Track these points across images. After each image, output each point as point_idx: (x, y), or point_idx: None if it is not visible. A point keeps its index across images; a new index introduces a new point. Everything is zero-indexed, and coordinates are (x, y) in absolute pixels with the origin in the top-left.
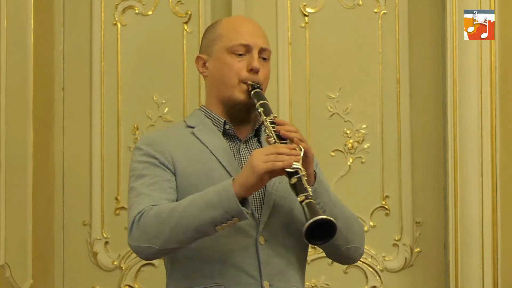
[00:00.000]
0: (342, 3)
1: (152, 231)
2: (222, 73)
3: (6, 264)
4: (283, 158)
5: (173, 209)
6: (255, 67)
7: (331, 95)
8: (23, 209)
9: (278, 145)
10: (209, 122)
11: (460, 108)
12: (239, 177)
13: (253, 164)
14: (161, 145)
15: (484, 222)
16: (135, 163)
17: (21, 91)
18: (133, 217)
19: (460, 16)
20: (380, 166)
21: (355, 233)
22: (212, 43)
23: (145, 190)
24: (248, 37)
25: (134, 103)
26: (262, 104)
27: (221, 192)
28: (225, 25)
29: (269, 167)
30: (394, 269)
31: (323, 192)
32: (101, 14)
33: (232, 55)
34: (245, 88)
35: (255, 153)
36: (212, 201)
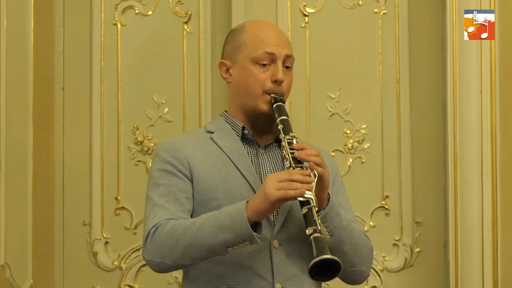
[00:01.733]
0: (342, 3)
1: (166, 247)
2: (246, 83)
3: (6, 264)
4: (296, 186)
5: (188, 227)
6: (279, 79)
7: (331, 95)
8: (23, 209)
9: (292, 171)
10: (228, 127)
11: (460, 108)
12: (252, 201)
13: (266, 191)
14: (178, 150)
15: (484, 222)
16: (153, 171)
17: (21, 91)
18: (148, 230)
19: (460, 16)
20: (380, 166)
21: (362, 257)
22: (236, 50)
23: (160, 201)
24: (272, 46)
25: (134, 103)
26: (282, 120)
27: (234, 216)
28: (249, 33)
29: (281, 195)
30: (394, 269)
31: (334, 217)
32: (101, 14)
33: (256, 65)
34: (269, 99)
35: (269, 178)
36: (225, 224)
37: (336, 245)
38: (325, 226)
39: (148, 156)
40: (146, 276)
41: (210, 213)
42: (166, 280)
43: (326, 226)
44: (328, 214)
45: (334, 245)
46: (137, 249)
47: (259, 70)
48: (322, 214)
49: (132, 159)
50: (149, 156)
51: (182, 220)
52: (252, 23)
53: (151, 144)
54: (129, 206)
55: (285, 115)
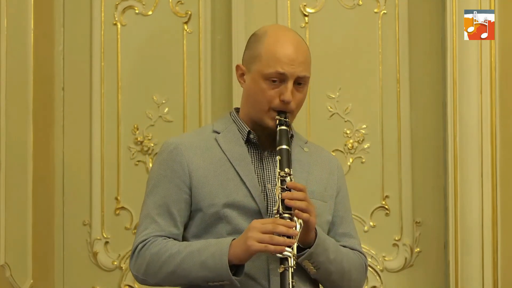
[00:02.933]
0: (342, 3)
1: (150, 269)
2: (255, 96)
3: (6, 264)
4: (277, 241)
5: (172, 256)
6: (286, 100)
7: (331, 95)
8: (23, 209)
9: (277, 221)
10: (234, 128)
11: (460, 108)
12: (235, 246)
13: (248, 242)
14: (180, 153)
15: (484, 222)
16: (153, 172)
17: (21, 91)
18: (136, 244)
19: (460, 16)
20: (380, 166)
21: (351, 281)
22: (252, 60)
23: (153, 212)
24: (285, 66)
25: (134, 103)
26: (281, 150)
27: (216, 257)
28: (267, 46)
29: (262, 249)
30: (394, 269)
31: (320, 254)
32: (101, 14)
33: (267, 81)
34: (275, 115)
35: (253, 228)
36: (207, 263)
37: (323, 276)
38: (310, 262)
39: (148, 156)
40: None
41: (195, 245)
42: None
43: (312, 262)
44: (314, 252)
45: (321, 276)
46: None
47: (268, 87)
48: (308, 253)
49: (132, 159)
50: (149, 156)
51: (169, 244)
52: (274, 34)
53: (151, 144)
54: (129, 206)
55: (285, 144)
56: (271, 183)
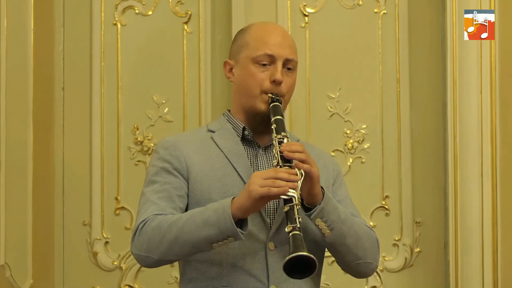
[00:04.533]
0: (342, 3)
1: (152, 242)
2: (245, 82)
3: (6, 264)
4: (279, 184)
5: (173, 223)
6: (277, 79)
7: (331, 95)
8: (23, 209)
9: (278, 169)
10: (229, 127)
11: (460, 108)
12: (238, 197)
13: (250, 188)
14: (177, 149)
15: (484, 222)
16: (150, 167)
17: (21, 91)
18: (137, 225)
19: (460, 16)
20: (380, 166)
21: (366, 249)
22: (239, 49)
23: (153, 197)
24: (273, 47)
25: (134, 103)
26: (276, 120)
27: (219, 212)
28: (253, 33)
29: (264, 192)
30: (394, 269)
31: (331, 211)
32: (101, 14)
33: (256, 64)
34: (267, 99)
35: (254, 175)
36: (209, 220)
37: (337, 239)
38: (323, 221)
39: (148, 156)
40: (146, 276)
41: (197, 209)
42: (166, 280)
43: (325, 221)
44: (324, 208)
45: (336, 239)
46: None
47: (258, 70)
48: (319, 208)
49: (132, 159)
50: (149, 156)
51: (170, 216)
52: (259, 25)
53: (151, 144)
54: (129, 206)
55: (279, 115)
56: None
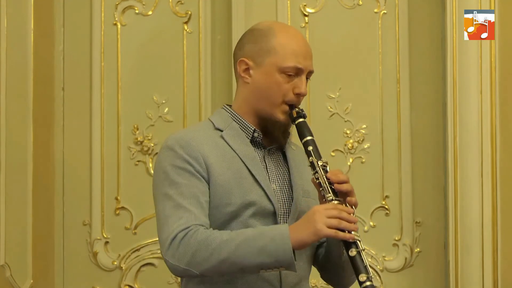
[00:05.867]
0: (342, 3)
1: (198, 257)
2: (268, 90)
3: (6, 264)
4: (345, 226)
5: (225, 242)
6: (303, 93)
7: (331, 95)
8: (23, 209)
9: (339, 208)
10: (236, 127)
11: (460, 108)
12: (297, 231)
13: (316, 226)
14: (194, 148)
15: (484, 222)
16: (168, 166)
17: (21, 91)
18: (175, 232)
19: (460, 16)
20: (380, 166)
21: None
22: (263, 53)
23: (184, 202)
24: (303, 61)
25: (134, 103)
26: (310, 142)
27: (278, 242)
28: (280, 40)
29: (332, 234)
30: (394, 269)
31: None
32: (101, 14)
33: (283, 74)
34: (287, 109)
35: (317, 212)
36: (267, 248)
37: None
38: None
39: (148, 156)
40: (146, 276)
41: (248, 231)
42: (166, 280)
43: None
44: None
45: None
46: (137, 249)
47: (284, 80)
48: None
49: (132, 159)
50: (149, 156)
51: (217, 232)
52: (282, 28)
53: (151, 144)
54: (129, 206)
55: (310, 135)
56: (275, 184)
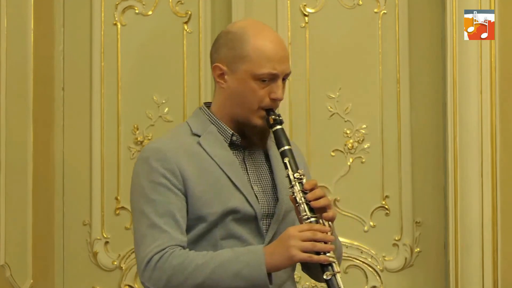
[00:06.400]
0: (342, 3)
1: (173, 281)
2: (243, 96)
3: (6, 264)
4: (319, 248)
5: (200, 267)
6: (279, 98)
7: (331, 95)
8: (23, 209)
9: (314, 227)
10: (214, 130)
11: (460, 108)
12: (272, 255)
13: (291, 252)
14: (171, 161)
15: (484, 222)
16: (144, 181)
17: (21, 91)
18: (150, 255)
19: (460, 16)
20: (380, 166)
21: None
22: (237, 60)
23: (159, 221)
24: (277, 66)
25: (134, 103)
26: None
27: (253, 266)
28: (253, 45)
29: (306, 259)
30: (394, 269)
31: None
32: (101, 14)
33: (257, 81)
34: (263, 114)
35: (291, 236)
36: (242, 273)
37: None
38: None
39: None
40: None
41: (223, 255)
42: None
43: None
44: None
45: None
46: None
47: (259, 86)
48: None
49: (132, 159)
50: None
51: (192, 255)
52: (256, 32)
53: None
54: (129, 206)
55: (287, 144)
56: (257, 185)
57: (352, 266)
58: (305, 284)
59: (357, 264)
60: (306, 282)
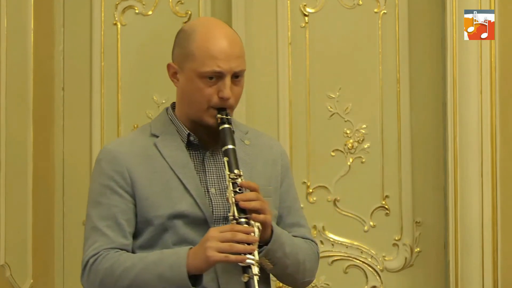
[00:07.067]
0: (342, 3)
1: (105, 284)
2: (192, 96)
3: (6, 264)
4: (238, 249)
5: (127, 269)
6: (225, 97)
7: (331, 95)
8: (23, 209)
9: (235, 228)
10: (173, 130)
11: (460, 108)
12: (194, 257)
13: (207, 253)
14: (121, 162)
15: (484, 222)
16: (94, 183)
17: (21, 91)
18: (87, 258)
19: (460, 16)
20: (380, 166)
21: (306, 271)
22: (183, 58)
23: (100, 224)
24: (221, 63)
25: (134, 103)
26: (227, 151)
27: (175, 269)
28: (199, 43)
29: (222, 259)
30: (394, 269)
31: (277, 249)
32: (101, 14)
33: (203, 79)
34: (215, 113)
35: (211, 236)
36: (164, 275)
37: (279, 270)
38: (267, 258)
39: None
40: None
41: (150, 257)
42: None
43: (269, 259)
44: (270, 249)
45: (278, 271)
46: None
47: (205, 85)
48: (265, 250)
49: None
50: None
51: (123, 257)
52: (204, 30)
53: None
54: None
55: (231, 143)
56: (214, 187)
57: (352, 266)
58: None
59: (357, 264)
60: None
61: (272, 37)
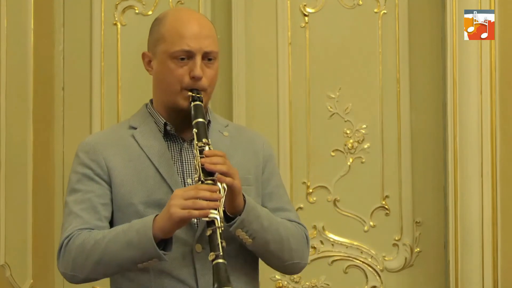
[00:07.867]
0: (342, 3)
1: (77, 262)
2: (164, 79)
3: (6, 264)
4: (201, 205)
5: (97, 242)
6: (196, 76)
7: (331, 95)
8: (23, 209)
9: (199, 187)
10: (151, 122)
11: (460, 108)
12: (159, 218)
13: (170, 210)
14: (98, 152)
15: (484, 222)
16: (72, 173)
17: (21, 91)
18: (61, 241)
19: (460, 16)
20: (380, 166)
21: (292, 250)
22: (156, 43)
23: (76, 208)
24: (190, 42)
25: (134, 103)
26: (197, 124)
27: (141, 233)
28: (168, 25)
29: (185, 215)
30: (394, 269)
31: (253, 220)
32: (101, 14)
33: (174, 60)
34: (187, 95)
35: (175, 195)
36: (132, 241)
37: (260, 246)
38: (244, 231)
39: None
40: None
41: (120, 227)
42: None
43: (246, 231)
44: (245, 219)
45: (259, 247)
46: None
47: (176, 66)
48: (239, 220)
49: None
50: None
51: (94, 233)
52: (175, 14)
53: None
54: None
55: (201, 117)
56: (191, 178)
57: (352, 266)
58: (305, 284)
59: (357, 264)
60: (306, 282)
61: (272, 37)
